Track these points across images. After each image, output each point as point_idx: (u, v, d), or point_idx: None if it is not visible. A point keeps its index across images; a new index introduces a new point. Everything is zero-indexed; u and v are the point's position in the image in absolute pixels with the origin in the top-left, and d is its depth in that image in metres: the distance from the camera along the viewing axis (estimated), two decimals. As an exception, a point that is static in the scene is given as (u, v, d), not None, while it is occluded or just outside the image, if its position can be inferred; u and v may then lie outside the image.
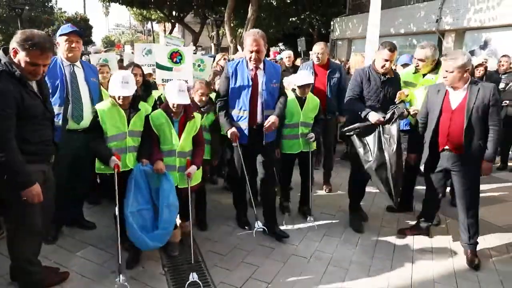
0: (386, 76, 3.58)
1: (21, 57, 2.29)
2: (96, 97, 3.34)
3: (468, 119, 2.89)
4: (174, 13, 23.64)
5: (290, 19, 19.16)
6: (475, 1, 10.19)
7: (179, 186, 3.05)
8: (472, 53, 10.26)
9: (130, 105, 2.99)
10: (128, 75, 3.00)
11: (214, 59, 6.42)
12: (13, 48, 2.29)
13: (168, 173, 2.97)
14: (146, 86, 4.06)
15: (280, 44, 27.65)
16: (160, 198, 2.91)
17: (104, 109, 2.95)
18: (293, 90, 3.71)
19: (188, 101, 3.00)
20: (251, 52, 3.09)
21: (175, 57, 4.47)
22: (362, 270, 2.91)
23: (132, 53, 18.43)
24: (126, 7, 24.81)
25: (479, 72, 5.85)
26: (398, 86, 3.60)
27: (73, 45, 3.20)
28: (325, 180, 4.73)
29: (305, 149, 3.72)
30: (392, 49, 3.57)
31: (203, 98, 3.53)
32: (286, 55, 7.02)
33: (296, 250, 3.22)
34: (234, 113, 3.26)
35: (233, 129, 3.21)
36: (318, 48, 4.53)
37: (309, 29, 20.13)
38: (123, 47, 22.83)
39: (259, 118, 3.27)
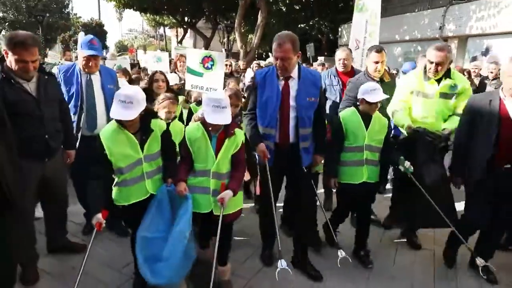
0: (383, 81, 3.50)
1: (10, 56, 2.42)
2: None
3: None
4: (186, 19, 24.26)
5: (299, 25, 19.69)
6: (477, 9, 10.55)
7: (214, 213, 2.55)
8: (474, 59, 10.61)
9: (140, 127, 2.50)
10: (132, 95, 2.37)
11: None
12: (4, 50, 2.45)
13: (190, 196, 2.52)
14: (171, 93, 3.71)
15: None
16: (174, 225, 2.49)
17: (108, 136, 2.44)
18: (356, 105, 3.07)
19: (227, 121, 2.46)
20: (276, 59, 2.62)
21: (207, 62, 4.05)
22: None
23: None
24: (140, 13, 25.62)
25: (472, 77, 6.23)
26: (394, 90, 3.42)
27: (90, 64, 3.23)
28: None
29: (371, 179, 3.01)
30: (379, 49, 3.54)
31: (233, 109, 3.04)
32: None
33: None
34: (262, 130, 2.76)
35: (262, 144, 2.71)
36: (343, 53, 4.03)
37: (317, 35, 20.64)
38: (136, 51, 23.55)
39: (291, 137, 2.76)
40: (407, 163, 2.89)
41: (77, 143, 3.20)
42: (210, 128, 2.52)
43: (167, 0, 19.07)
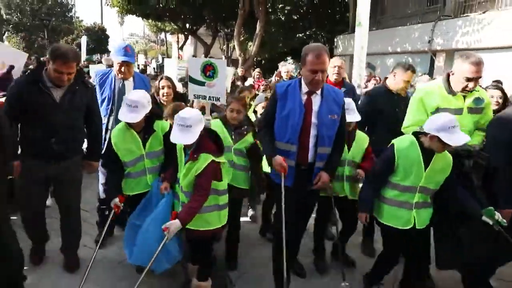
0: (400, 95, 3.51)
1: (50, 66, 2.63)
2: None
3: None
4: (187, 25, 24.70)
5: (297, 35, 20.32)
6: (463, 25, 11.15)
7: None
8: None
9: (144, 126, 2.85)
10: (137, 100, 2.72)
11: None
12: (47, 58, 2.68)
13: (170, 194, 2.77)
14: (177, 99, 3.77)
15: (289, 57, 28.82)
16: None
17: (116, 134, 2.87)
18: (418, 136, 2.54)
19: (187, 141, 2.47)
20: (315, 72, 2.42)
21: (208, 70, 3.97)
22: None
23: (145, 62, 19.40)
24: (142, 19, 26.19)
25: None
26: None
27: (123, 69, 3.45)
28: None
29: (422, 224, 2.58)
30: (414, 70, 3.51)
31: (234, 115, 3.05)
32: (285, 70, 6.84)
33: None
34: (280, 146, 2.59)
35: (279, 156, 2.51)
36: (338, 61, 3.92)
37: (315, 44, 21.19)
38: (137, 56, 24.07)
39: (310, 156, 2.61)
40: (498, 215, 2.34)
41: (105, 145, 3.31)
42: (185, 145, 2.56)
43: (169, 7, 19.61)
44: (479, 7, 11.08)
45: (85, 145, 3.22)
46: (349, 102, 2.89)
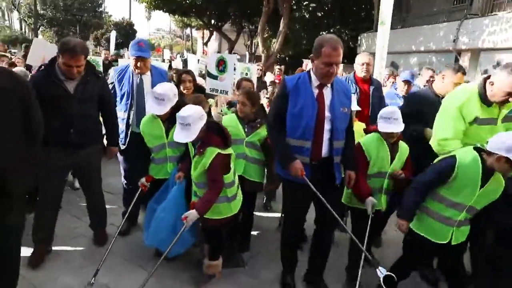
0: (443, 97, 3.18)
1: (59, 60, 2.73)
2: None
3: None
4: (212, 21, 25.09)
5: (321, 32, 20.33)
6: (490, 24, 10.96)
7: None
8: (486, 71, 11.00)
9: (169, 117, 2.99)
10: (164, 93, 2.89)
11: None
12: (57, 52, 2.78)
13: (182, 184, 2.93)
14: (198, 92, 3.97)
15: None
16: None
17: (144, 121, 3.10)
18: (480, 153, 2.32)
19: (187, 139, 2.57)
20: (329, 64, 2.35)
21: (221, 65, 4.21)
22: None
23: (170, 57, 19.87)
24: (169, 14, 26.75)
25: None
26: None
27: (138, 65, 3.43)
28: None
29: (458, 240, 2.44)
30: (464, 72, 3.31)
31: (241, 107, 3.08)
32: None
33: None
34: (292, 142, 2.50)
35: (298, 161, 2.45)
36: (366, 58, 3.80)
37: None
38: (163, 50, 24.53)
39: (324, 151, 2.54)
40: None
41: (127, 139, 3.50)
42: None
43: (196, 3, 20.00)
44: (509, 6, 10.87)
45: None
46: (394, 111, 2.69)
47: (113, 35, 17.86)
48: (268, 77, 8.11)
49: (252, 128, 3.10)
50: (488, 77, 2.59)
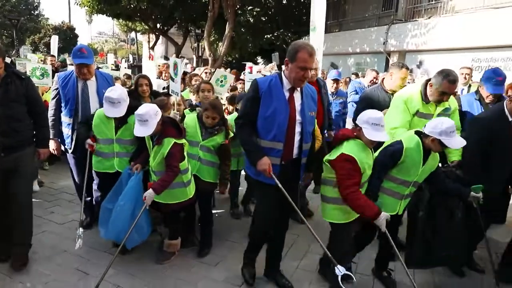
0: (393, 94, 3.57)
1: None
2: None
3: None
4: (158, 25, 24.77)
5: (266, 36, 21.14)
6: (412, 28, 12.34)
7: (155, 200, 2.96)
8: (411, 71, 12.33)
9: (120, 118, 3.21)
10: (118, 97, 3.10)
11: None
12: None
13: (140, 174, 3.13)
14: (153, 95, 4.16)
15: (259, 57, 29.64)
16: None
17: (98, 115, 3.28)
18: (420, 136, 2.68)
19: (147, 133, 2.88)
20: (304, 69, 2.43)
21: (176, 68, 4.53)
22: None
23: (115, 62, 19.29)
24: (113, 18, 26.10)
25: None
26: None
27: (83, 71, 3.48)
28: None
29: (400, 212, 2.82)
30: (408, 68, 3.77)
31: (209, 121, 3.26)
32: (268, 69, 7.45)
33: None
34: (264, 144, 2.55)
35: (266, 158, 2.49)
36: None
37: (283, 45, 22.11)
38: (106, 55, 23.82)
39: (294, 152, 2.64)
40: (481, 193, 2.79)
41: (73, 144, 3.58)
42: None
43: (140, 8, 19.85)
44: (426, 13, 12.31)
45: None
46: (382, 117, 2.60)
47: (54, 39, 17.25)
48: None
49: (209, 134, 3.29)
50: (429, 79, 3.13)
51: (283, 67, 2.65)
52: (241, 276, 3.04)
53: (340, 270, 2.39)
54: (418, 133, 2.71)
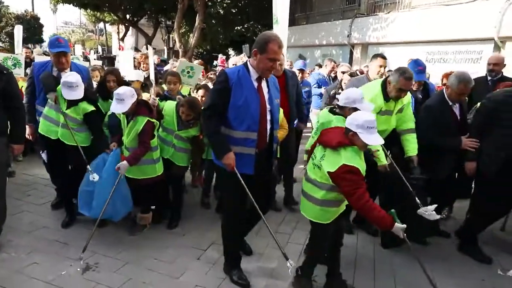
0: None
1: None
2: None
3: None
4: (128, 16, 24.47)
5: (236, 28, 21.43)
6: (373, 22, 13.03)
7: (127, 175, 3.37)
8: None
9: (73, 100, 3.49)
10: (75, 81, 3.35)
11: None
12: None
13: (117, 150, 3.47)
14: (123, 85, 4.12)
15: (230, 49, 29.83)
16: None
17: (59, 88, 3.48)
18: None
19: (122, 110, 3.23)
20: (274, 60, 2.50)
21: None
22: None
23: (83, 53, 18.85)
24: (80, 8, 25.49)
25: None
26: None
27: (61, 60, 3.59)
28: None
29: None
30: (384, 56, 4.09)
31: (184, 116, 3.54)
32: (238, 59, 7.26)
33: None
34: (238, 135, 2.57)
35: (232, 153, 2.53)
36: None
37: (253, 36, 22.46)
38: (74, 46, 23.26)
39: (266, 140, 2.70)
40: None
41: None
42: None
43: (109, -2, 19.56)
44: (386, 8, 13.01)
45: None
46: (374, 119, 2.46)
47: (18, 29, 16.74)
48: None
49: (185, 126, 3.62)
50: (387, 77, 3.36)
51: (250, 58, 2.66)
52: (204, 244, 3.48)
53: (290, 264, 2.47)
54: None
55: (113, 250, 3.29)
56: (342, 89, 4.53)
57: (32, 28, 31.91)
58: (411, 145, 3.42)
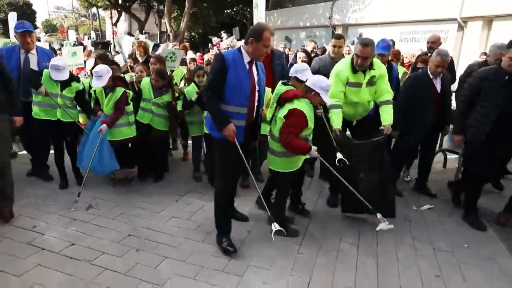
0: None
1: None
2: None
3: None
4: (120, 1, 24.98)
5: (226, 11, 21.98)
6: (352, 4, 13.73)
7: (110, 139, 4.07)
8: (353, 42, 13.77)
9: (65, 81, 4.01)
10: (62, 64, 3.89)
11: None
12: None
13: (98, 121, 4.05)
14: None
15: (222, 32, 30.26)
16: None
17: (47, 75, 3.94)
18: (308, 92, 3.16)
19: (101, 84, 3.94)
20: (267, 46, 2.86)
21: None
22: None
23: (77, 38, 19.11)
24: (72, -6, 25.74)
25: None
26: None
27: (27, 40, 3.94)
28: None
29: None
30: (337, 37, 4.50)
31: (155, 82, 4.31)
32: (228, 42, 8.27)
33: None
34: (231, 109, 2.92)
35: (232, 125, 2.87)
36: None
37: (243, 19, 23.02)
38: (67, 32, 23.44)
39: (254, 115, 3.05)
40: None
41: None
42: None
43: (100, -17, 19.84)
44: (364, -10, 13.69)
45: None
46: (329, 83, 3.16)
47: (13, 16, 17.12)
48: (190, 55, 8.89)
49: (159, 93, 4.39)
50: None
51: (241, 43, 3.03)
52: (182, 192, 4.39)
53: (275, 227, 2.71)
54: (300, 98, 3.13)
55: (108, 196, 4.18)
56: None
57: (25, 14, 32.17)
58: (385, 115, 3.67)
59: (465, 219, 3.84)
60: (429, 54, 5.75)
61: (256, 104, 3.00)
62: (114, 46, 14.31)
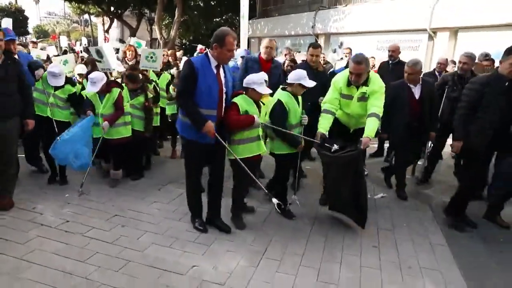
0: (318, 71, 4.62)
1: None
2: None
3: None
4: (112, 8, 25.19)
5: (215, 19, 22.67)
6: (334, 14, 14.47)
7: (105, 137, 4.35)
8: (335, 51, 14.46)
9: (61, 86, 4.41)
10: (58, 71, 4.30)
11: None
12: None
13: (90, 118, 4.30)
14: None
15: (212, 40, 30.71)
16: None
17: (43, 77, 4.36)
18: (288, 86, 3.63)
19: (95, 90, 4.25)
20: (231, 50, 3.05)
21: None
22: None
23: (68, 44, 19.48)
24: (65, 1, 26.13)
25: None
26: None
27: (11, 47, 4.13)
28: None
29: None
30: (315, 46, 4.70)
31: (128, 85, 4.66)
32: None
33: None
34: (203, 112, 3.09)
35: (210, 122, 3.08)
36: (270, 42, 4.69)
37: (232, 28, 23.68)
38: (59, 37, 23.78)
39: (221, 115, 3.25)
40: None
41: None
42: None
43: (93, -9, 20.20)
44: (344, 1, 14.43)
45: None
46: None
47: (7, 22, 17.40)
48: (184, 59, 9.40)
49: (134, 95, 4.74)
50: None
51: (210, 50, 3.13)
52: (164, 182, 4.93)
53: (276, 200, 3.17)
54: (283, 88, 3.68)
55: (99, 188, 4.67)
56: (285, 71, 5.09)
57: (17, 20, 32.38)
58: (366, 128, 3.64)
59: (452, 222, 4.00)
60: (390, 62, 6.47)
61: (224, 104, 3.24)
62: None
